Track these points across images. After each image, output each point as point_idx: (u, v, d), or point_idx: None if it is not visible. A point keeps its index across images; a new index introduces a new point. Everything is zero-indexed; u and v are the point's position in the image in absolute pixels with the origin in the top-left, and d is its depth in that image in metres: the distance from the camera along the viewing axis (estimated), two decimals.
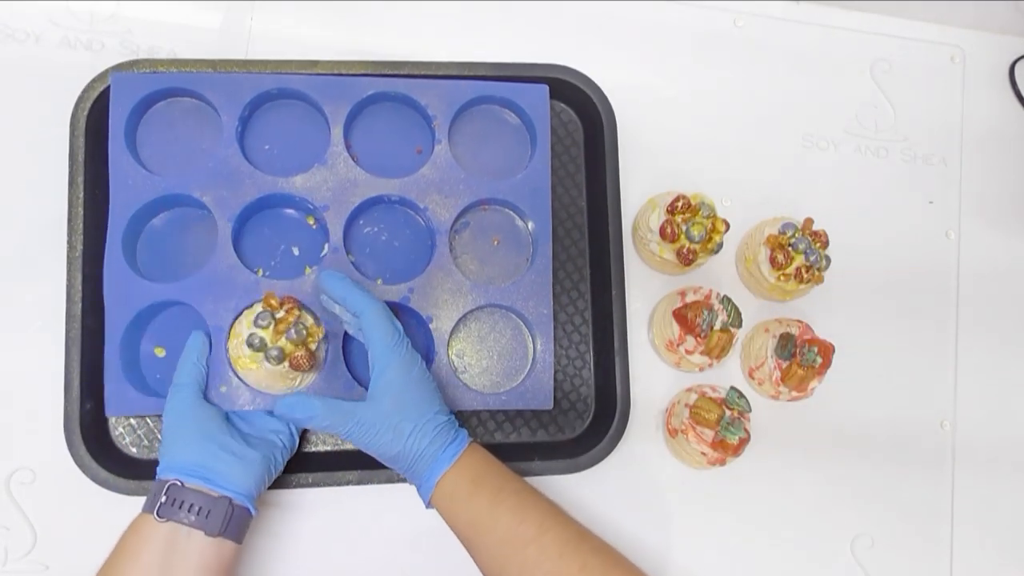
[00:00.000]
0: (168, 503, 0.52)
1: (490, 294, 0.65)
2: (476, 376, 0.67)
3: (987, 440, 0.74)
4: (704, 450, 0.64)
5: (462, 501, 0.55)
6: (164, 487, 0.52)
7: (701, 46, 0.76)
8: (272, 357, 0.56)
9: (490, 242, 0.68)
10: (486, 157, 0.69)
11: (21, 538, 0.61)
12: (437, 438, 0.56)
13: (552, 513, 0.56)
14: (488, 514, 0.55)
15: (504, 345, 0.67)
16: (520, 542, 0.53)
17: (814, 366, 0.66)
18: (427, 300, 0.64)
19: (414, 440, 0.55)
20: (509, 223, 0.69)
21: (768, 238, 0.68)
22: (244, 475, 0.54)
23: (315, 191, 0.64)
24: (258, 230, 0.65)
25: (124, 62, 0.64)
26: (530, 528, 0.54)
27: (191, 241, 0.64)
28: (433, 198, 0.65)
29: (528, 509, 0.55)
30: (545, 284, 0.66)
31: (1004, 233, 0.78)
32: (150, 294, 0.61)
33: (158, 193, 0.62)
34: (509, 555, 0.53)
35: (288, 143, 0.66)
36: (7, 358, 0.63)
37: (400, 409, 0.55)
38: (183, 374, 0.58)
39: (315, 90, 0.65)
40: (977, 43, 0.80)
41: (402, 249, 0.67)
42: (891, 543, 0.71)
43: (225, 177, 0.63)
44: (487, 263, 0.68)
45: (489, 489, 0.55)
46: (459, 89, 0.67)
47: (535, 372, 0.66)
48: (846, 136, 0.76)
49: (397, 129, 0.68)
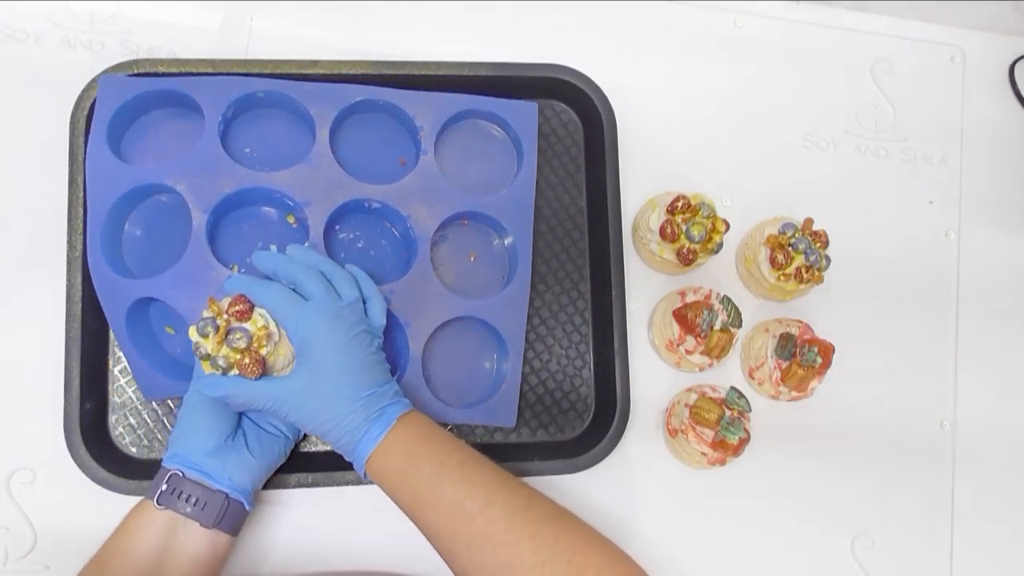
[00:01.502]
0: (168, 492, 0.54)
1: (468, 306, 0.65)
2: (442, 386, 0.66)
3: (987, 440, 0.74)
4: (704, 450, 0.65)
5: (399, 479, 0.54)
6: (166, 476, 0.54)
7: (701, 46, 0.76)
8: (218, 366, 0.53)
9: (467, 257, 0.68)
10: (471, 171, 0.69)
11: (21, 538, 0.61)
12: (359, 417, 0.54)
13: (499, 482, 0.54)
14: (429, 491, 0.53)
15: (474, 359, 0.67)
16: (466, 517, 0.51)
17: (814, 366, 0.66)
18: (406, 305, 0.64)
19: (333, 420, 0.53)
20: (487, 239, 0.69)
21: (768, 238, 0.68)
22: (243, 472, 0.55)
23: (296, 188, 0.63)
24: (236, 226, 0.65)
25: (123, 62, 0.64)
26: (476, 501, 0.52)
27: (175, 234, 0.63)
28: (416, 207, 0.65)
29: (473, 482, 0.53)
30: (522, 302, 0.66)
31: (1004, 233, 0.78)
32: (132, 291, 0.61)
33: (134, 183, 0.61)
34: (456, 531, 0.52)
35: (270, 149, 0.66)
36: (7, 358, 0.63)
37: (313, 387, 0.54)
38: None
39: (302, 94, 0.64)
40: (977, 43, 0.80)
41: (377, 258, 0.67)
42: (891, 543, 0.71)
43: (203, 167, 0.62)
44: (463, 277, 0.68)
45: (429, 464, 0.53)
46: (448, 102, 0.66)
47: (502, 389, 0.65)
48: (846, 136, 0.76)
49: (382, 139, 0.67)
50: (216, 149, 0.62)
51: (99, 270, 0.60)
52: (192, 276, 0.61)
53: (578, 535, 0.52)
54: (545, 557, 0.49)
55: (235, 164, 0.63)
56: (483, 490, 0.53)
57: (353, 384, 0.54)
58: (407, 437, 0.55)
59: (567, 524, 0.53)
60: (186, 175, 0.62)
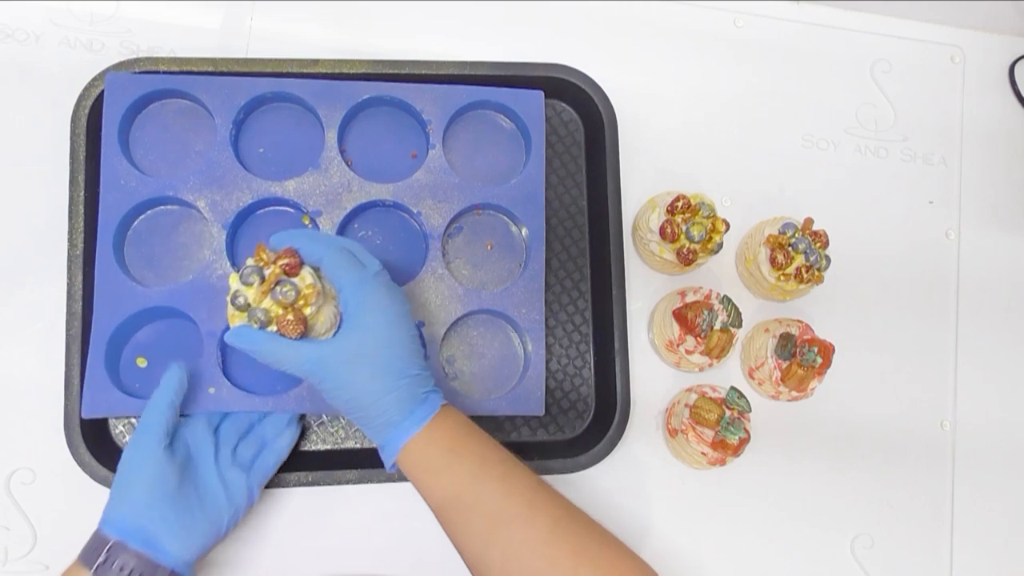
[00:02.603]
0: (107, 564, 0.50)
1: (482, 300, 0.65)
2: (467, 382, 0.66)
3: (987, 440, 0.74)
4: (704, 450, 0.65)
5: (439, 471, 0.50)
6: (106, 546, 0.50)
7: (701, 46, 0.76)
8: (256, 319, 0.49)
9: (484, 246, 0.68)
10: (481, 162, 0.69)
11: (21, 538, 0.61)
12: (404, 395, 0.50)
13: (540, 487, 0.51)
14: (471, 487, 0.49)
15: (495, 351, 0.67)
16: (506, 519, 0.48)
17: (814, 366, 0.66)
18: (419, 305, 0.64)
19: (375, 394, 0.49)
20: (503, 227, 0.69)
21: (768, 238, 0.68)
22: (188, 543, 0.52)
23: (308, 196, 0.63)
24: (253, 230, 0.65)
25: (124, 60, 0.64)
26: (518, 504, 0.49)
27: (182, 240, 0.64)
28: (427, 203, 0.65)
29: (513, 483, 0.50)
30: (538, 290, 0.66)
31: (1004, 233, 0.78)
32: (142, 299, 0.61)
33: (150, 195, 0.62)
34: (493, 533, 0.48)
35: (283, 146, 0.66)
36: (7, 358, 0.63)
37: (362, 355, 0.49)
38: (151, 418, 0.54)
39: (310, 94, 0.64)
40: (977, 43, 0.80)
41: (396, 253, 0.67)
42: (891, 543, 0.71)
43: (218, 181, 0.62)
44: (480, 267, 0.68)
45: (470, 459, 0.50)
46: (454, 94, 0.67)
47: (527, 378, 0.65)
48: (846, 136, 0.77)
49: (392, 133, 0.68)
50: (230, 160, 0.63)
51: (107, 274, 0.60)
52: (212, 288, 0.61)
53: (616, 554, 0.49)
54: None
55: (249, 175, 0.63)
56: (526, 495, 0.50)
57: (403, 359, 0.50)
58: (449, 427, 0.51)
59: (605, 542, 0.50)
60: (204, 189, 0.62)
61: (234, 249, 0.64)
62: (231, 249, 0.63)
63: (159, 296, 0.61)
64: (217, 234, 0.62)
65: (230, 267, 0.62)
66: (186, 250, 0.64)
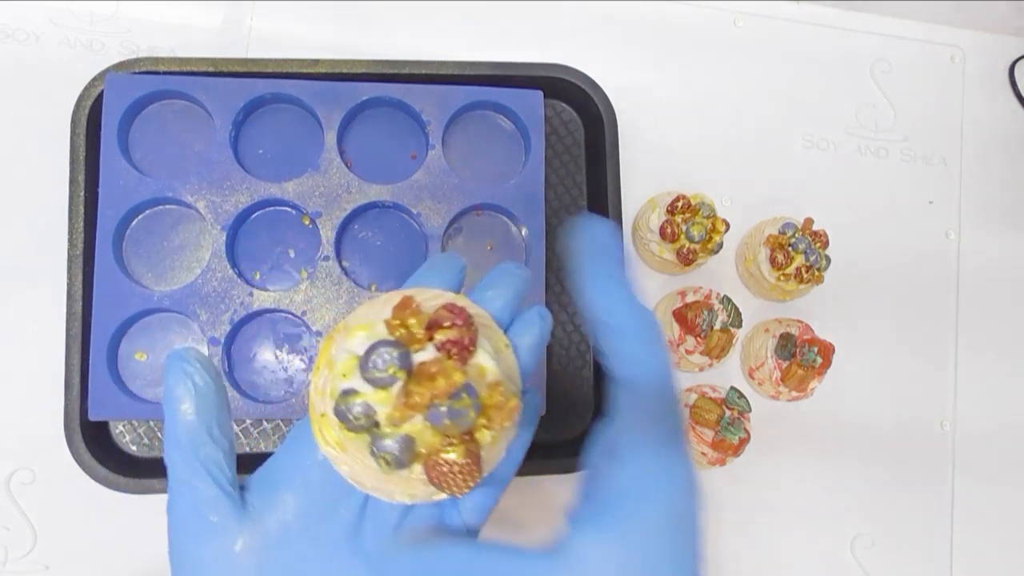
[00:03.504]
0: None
1: None
2: None
3: (987, 440, 0.74)
4: (704, 450, 0.64)
5: None
6: None
7: (701, 46, 0.76)
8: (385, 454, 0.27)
9: (484, 247, 0.68)
10: (480, 162, 0.69)
11: (21, 538, 0.61)
12: None
13: None
14: None
15: None
16: None
17: (814, 366, 0.66)
18: None
19: None
20: (503, 228, 0.69)
21: (768, 238, 0.68)
22: None
23: (308, 197, 0.63)
24: (254, 232, 0.65)
25: (124, 60, 0.64)
26: None
27: (181, 241, 0.64)
28: (426, 204, 0.65)
29: None
30: (538, 291, 0.66)
31: (1004, 233, 0.78)
32: (142, 300, 0.61)
33: (149, 195, 0.62)
34: None
35: (282, 147, 0.66)
36: (7, 358, 0.63)
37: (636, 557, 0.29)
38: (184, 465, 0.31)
39: (309, 95, 0.64)
40: (977, 43, 0.80)
41: (397, 254, 0.67)
42: (891, 543, 0.71)
43: (217, 182, 0.62)
44: (480, 268, 0.68)
45: None
46: (454, 94, 0.66)
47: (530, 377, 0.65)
48: (846, 136, 0.77)
49: (391, 134, 0.68)
50: (229, 162, 0.63)
51: (107, 275, 0.60)
52: (212, 292, 0.61)
53: None
54: None
55: (249, 176, 0.63)
56: None
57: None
58: None
59: None
60: (203, 191, 0.62)
61: (234, 250, 0.64)
62: (231, 250, 0.63)
63: (159, 297, 0.61)
64: (217, 235, 0.62)
65: (230, 268, 0.62)
66: (185, 251, 0.64)
